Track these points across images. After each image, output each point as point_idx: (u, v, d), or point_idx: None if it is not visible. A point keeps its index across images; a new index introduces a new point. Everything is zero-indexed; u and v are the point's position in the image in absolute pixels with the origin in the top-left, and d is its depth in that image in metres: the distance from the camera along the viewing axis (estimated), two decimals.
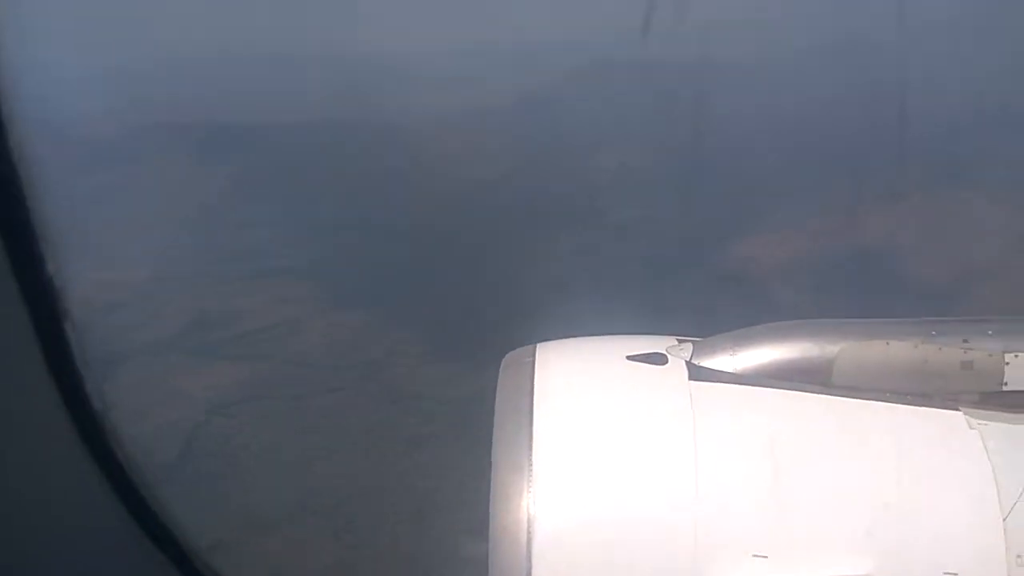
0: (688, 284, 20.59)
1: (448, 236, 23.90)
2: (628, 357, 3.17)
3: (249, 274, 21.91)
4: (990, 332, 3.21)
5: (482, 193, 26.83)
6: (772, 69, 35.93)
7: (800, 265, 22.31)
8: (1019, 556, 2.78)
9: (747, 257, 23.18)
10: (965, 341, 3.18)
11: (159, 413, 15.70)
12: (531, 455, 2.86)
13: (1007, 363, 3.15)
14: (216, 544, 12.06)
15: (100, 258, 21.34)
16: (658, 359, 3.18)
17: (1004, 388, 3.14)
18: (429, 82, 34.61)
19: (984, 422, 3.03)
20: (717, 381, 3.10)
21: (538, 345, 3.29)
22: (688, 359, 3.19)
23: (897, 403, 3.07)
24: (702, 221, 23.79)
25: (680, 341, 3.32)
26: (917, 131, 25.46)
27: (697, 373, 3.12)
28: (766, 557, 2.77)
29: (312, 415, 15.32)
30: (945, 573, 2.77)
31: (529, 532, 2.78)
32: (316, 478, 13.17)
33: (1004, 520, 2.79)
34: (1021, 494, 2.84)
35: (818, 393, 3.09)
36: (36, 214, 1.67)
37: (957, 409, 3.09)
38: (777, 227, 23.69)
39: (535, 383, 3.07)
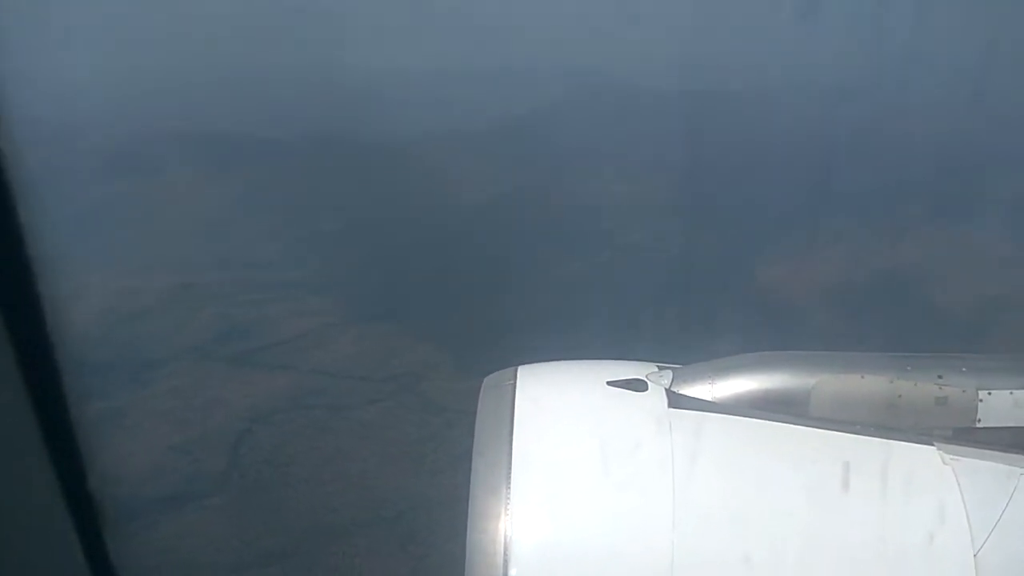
0: (703, 304, 21.18)
1: (461, 250, 24.28)
2: (608, 383, 3.20)
3: (269, 285, 22.10)
4: (964, 369, 3.26)
5: (492, 209, 27.26)
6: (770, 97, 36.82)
7: (809, 289, 23.03)
8: None
9: (755, 280, 23.85)
10: (940, 377, 3.23)
11: (201, 422, 15.93)
12: (509, 478, 2.89)
13: (980, 400, 3.19)
14: (283, 553, 12.37)
15: (121, 266, 21.48)
16: (638, 385, 3.20)
17: (977, 424, 3.18)
18: (425, 100, 35.01)
19: (957, 458, 3.06)
20: (696, 409, 3.13)
21: (519, 368, 3.36)
22: (668, 386, 3.23)
23: (873, 436, 3.11)
24: (710, 243, 24.43)
25: (660, 368, 3.37)
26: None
27: (676, 401, 3.15)
28: None
29: (356, 426, 15.59)
30: None
31: (506, 555, 2.79)
32: (372, 489, 13.47)
33: (975, 555, 2.83)
34: (992, 530, 2.87)
35: (795, 424, 3.13)
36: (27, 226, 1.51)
37: (931, 444, 3.12)
38: (785, 250, 24.39)
39: (515, 406, 3.11)
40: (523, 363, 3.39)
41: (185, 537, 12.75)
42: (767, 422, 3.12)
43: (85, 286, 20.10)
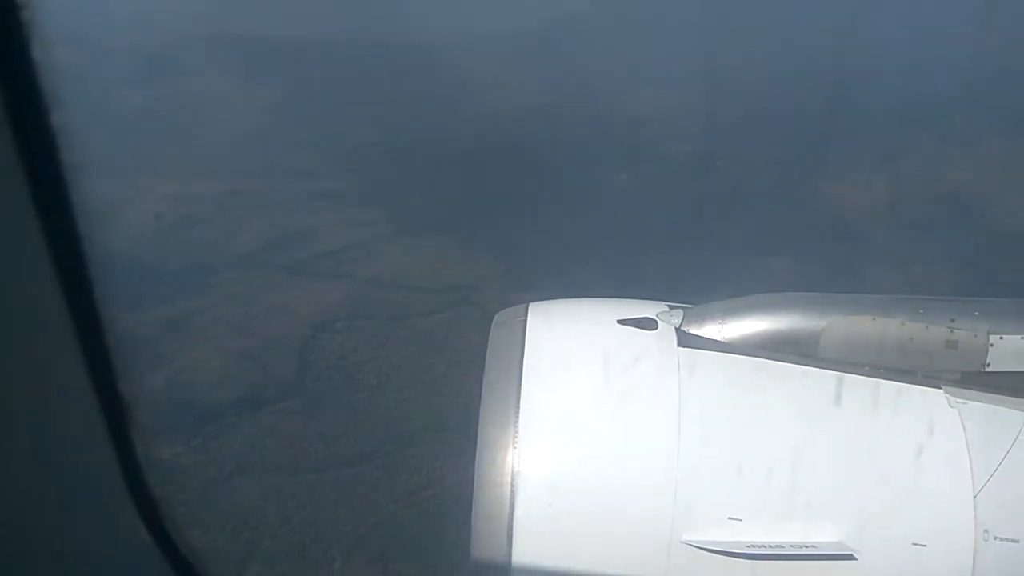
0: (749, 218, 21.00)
1: (504, 160, 23.95)
2: (619, 321, 3.21)
3: (314, 194, 21.95)
4: (976, 313, 3.24)
5: (526, 121, 26.78)
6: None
7: (860, 208, 22.81)
8: (986, 531, 2.84)
9: (799, 196, 23.58)
10: (952, 320, 3.21)
11: (264, 329, 16.05)
12: (518, 412, 2.92)
13: (991, 344, 3.19)
14: (363, 455, 12.62)
15: (165, 171, 21.30)
16: (648, 324, 3.21)
17: (986, 369, 3.19)
18: (449, 4, 33.97)
19: (964, 401, 3.09)
20: (705, 348, 3.14)
21: (530, 304, 3.35)
22: (678, 326, 3.24)
23: (881, 378, 3.13)
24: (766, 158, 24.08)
25: (671, 307, 3.37)
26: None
27: (686, 340, 3.17)
28: (741, 520, 2.84)
29: (419, 335, 15.70)
30: (913, 544, 2.85)
31: (513, 486, 2.84)
32: (443, 396, 13.62)
33: (975, 497, 2.87)
34: (993, 472, 2.90)
35: (804, 365, 3.14)
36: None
37: (939, 387, 3.15)
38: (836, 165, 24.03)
39: (525, 343, 3.12)
40: (582, 281, 3.51)
41: (264, 438, 12.99)
42: (776, 362, 3.12)
43: (132, 191, 19.99)
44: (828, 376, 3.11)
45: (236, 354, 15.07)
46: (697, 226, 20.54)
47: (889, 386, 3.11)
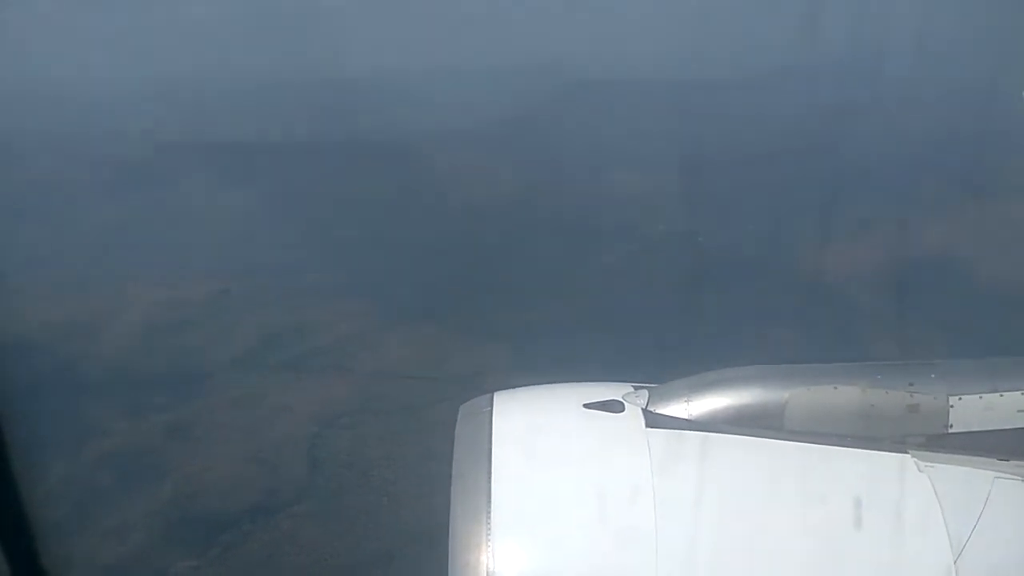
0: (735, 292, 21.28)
1: (487, 248, 24.12)
2: (585, 405, 3.20)
3: (302, 290, 21.80)
4: (933, 375, 3.27)
5: (508, 208, 27.14)
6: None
7: (836, 275, 23.26)
8: None
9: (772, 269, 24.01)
10: (911, 384, 3.24)
11: (270, 428, 15.64)
12: (489, 507, 2.89)
13: (951, 406, 3.20)
14: (389, 556, 12.18)
15: (153, 276, 21.07)
16: (615, 407, 3.21)
17: (950, 430, 3.19)
18: (423, 101, 34.78)
19: (932, 464, 3.07)
20: (673, 428, 3.13)
21: (495, 394, 3.37)
22: (644, 406, 3.23)
23: (848, 447, 3.11)
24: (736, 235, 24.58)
25: (636, 388, 3.37)
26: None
27: (654, 420, 3.15)
28: None
29: (430, 426, 15.39)
30: None
31: None
32: None
33: (955, 562, 2.83)
34: (970, 536, 2.86)
35: (771, 439, 3.13)
36: None
37: (906, 452, 3.13)
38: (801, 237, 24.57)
39: (493, 435, 3.12)
40: (588, 366, 3.53)
41: (283, 544, 12.52)
42: (744, 438, 3.10)
43: (122, 298, 19.69)
44: (797, 449, 3.07)
45: (244, 458, 14.65)
46: (688, 302, 20.73)
47: (858, 455, 3.08)
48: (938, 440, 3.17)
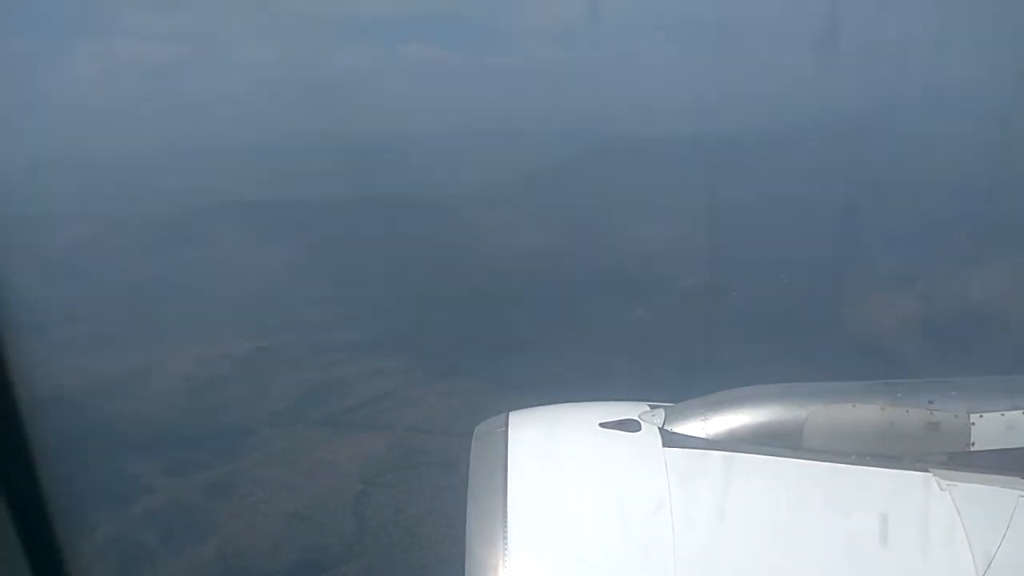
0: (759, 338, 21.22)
1: (518, 301, 24.19)
2: (601, 424, 3.15)
3: (337, 346, 21.89)
4: (954, 393, 3.23)
5: (536, 263, 27.32)
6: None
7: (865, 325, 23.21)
8: None
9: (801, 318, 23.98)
10: (930, 402, 3.22)
11: (312, 486, 15.56)
12: (506, 528, 2.84)
13: (972, 424, 3.18)
14: None
15: (190, 334, 21.22)
16: (631, 426, 3.17)
17: (971, 448, 3.18)
18: (448, 158, 35.36)
19: (954, 483, 3.05)
20: (690, 447, 3.10)
21: (510, 414, 3.29)
22: (660, 425, 3.18)
23: (869, 465, 3.10)
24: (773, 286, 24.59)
25: (652, 407, 3.30)
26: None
27: (670, 439, 3.11)
28: None
29: None
30: None
31: None
32: None
33: None
34: (995, 555, 2.84)
35: (790, 457, 3.10)
36: None
37: (927, 470, 3.11)
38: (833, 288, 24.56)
39: (508, 455, 3.05)
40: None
41: None
42: (762, 456, 3.06)
43: (160, 357, 19.81)
44: (817, 468, 3.05)
45: (287, 515, 14.55)
46: (720, 353, 20.69)
47: (879, 473, 3.06)
48: (960, 458, 3.12)
